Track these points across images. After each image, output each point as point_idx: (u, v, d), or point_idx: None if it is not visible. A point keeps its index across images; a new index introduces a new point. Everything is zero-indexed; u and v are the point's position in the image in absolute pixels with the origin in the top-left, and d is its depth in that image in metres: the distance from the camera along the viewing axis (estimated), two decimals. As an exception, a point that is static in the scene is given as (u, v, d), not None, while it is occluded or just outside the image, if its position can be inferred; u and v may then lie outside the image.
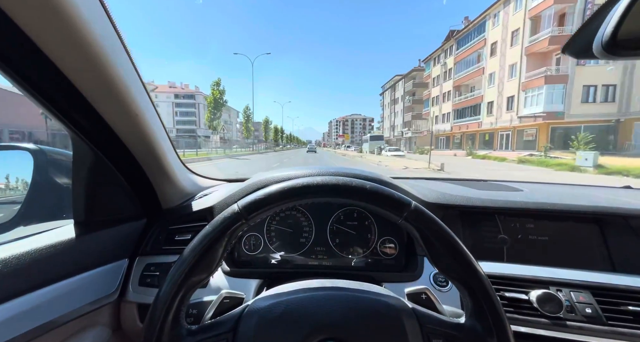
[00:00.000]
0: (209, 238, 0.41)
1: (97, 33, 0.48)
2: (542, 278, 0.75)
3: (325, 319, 0.40)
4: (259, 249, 0.92)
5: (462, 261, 0.41)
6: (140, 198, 0.85)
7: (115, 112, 0.61)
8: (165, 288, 0.40)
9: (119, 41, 0.56)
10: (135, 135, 0.67)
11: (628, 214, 0.86)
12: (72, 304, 0.62)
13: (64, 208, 0.85)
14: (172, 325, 0.40)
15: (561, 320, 0.68)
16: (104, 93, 0.56)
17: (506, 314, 0.69)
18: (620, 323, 0.66)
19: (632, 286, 0.71)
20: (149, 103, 0.68)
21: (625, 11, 0.38)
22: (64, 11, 0.41)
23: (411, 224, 0.42)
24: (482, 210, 0.92)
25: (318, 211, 0.94)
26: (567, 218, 0.90)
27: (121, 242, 0.80)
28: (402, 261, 0.89)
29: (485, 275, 0.41)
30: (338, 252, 0.91)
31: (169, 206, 0.93)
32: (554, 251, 0.88)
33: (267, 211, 0.43)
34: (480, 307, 0.40)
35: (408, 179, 1.25)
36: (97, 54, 0.49)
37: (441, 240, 0.41)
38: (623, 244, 0.84)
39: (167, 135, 0.81)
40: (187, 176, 1.03)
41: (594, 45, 0.43)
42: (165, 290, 0.40)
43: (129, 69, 0.59)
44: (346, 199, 0.42)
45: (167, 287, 0.40)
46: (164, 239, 0.88)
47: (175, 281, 0.40)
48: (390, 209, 0.42)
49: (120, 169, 0.74)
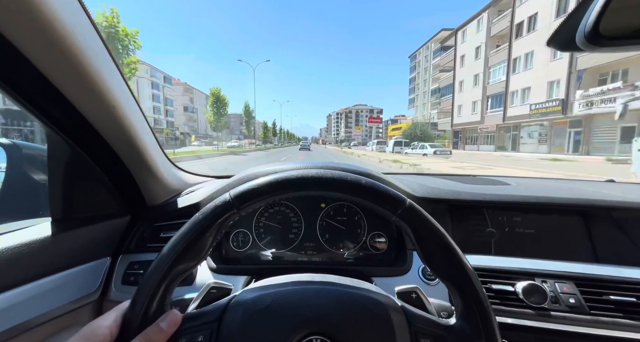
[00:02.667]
0: (198, 226, 0.40)
1: (67, 20, 0.45)
2: (528, 270, 0.76)
3: (312, 314, 0.40)
4: (248, 245, 0.91)
5: (455, 262, 0.40)
6: (124, 195, 0.83)
7: (91, 105, 0.58)
8: (151, 274, 0.39)
9: (92, 29, 0.53)
10: (113, 129, 0.64)
11: (611, 206, 0.87)
12: (49, 303, 0.60)
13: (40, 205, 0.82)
14: (155, 313, 0.39)
15: (546, 310, 0.69)
16: (76, 84, 0.53)
17: (493, 306, 0.70)
18: (602, 312, 0.68)
19: (614, 276, 0.73)
20: (129, 95, 0.65)
21: (606, 1, 0.38)
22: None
23: (405, 222, 0.41)
24: (470, 204, 0.92)
25: (307, 207, 0.93)
26: (552, 211, 0.92)
27: (103, 240, 0.77)
28: (391, 255, 0.89)
29: (478, 278, 0.41)
30: (328, 247, 0.91)
31: (154, 203, 0.91)
32: (540, 243, 0.90)
33: (259, 202, 0.42)
34: (470, 309, 0.40)
35: (399, 175, 1.26)
36: (68, 43, 0.46)
37: (434, 239, 0.41)
38: (606, 236, 0.87)
39: (150, 129, 0.79)
40: (173, 172, 1.00)
41: (576, 37, 0.43)
42: (151, 276, 0.39)
43: (104, 59, 0.56)
44: (341, 193, 0.41)
45: (152, 274, 0.39)
46: (149, 237, 0.86)
47: (162, 268, 0.39)
48: (384, 205, 0.41)
49: (101, 165, 0.72)
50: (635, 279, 0.72)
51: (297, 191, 0.42)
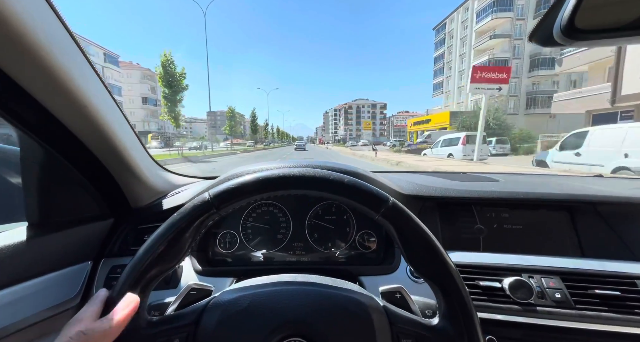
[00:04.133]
0: (176, 227, 0.39)
1: (28, 13, 0.42)
2: (515, 266, 0.76)
3: (291, 315, 0.39)
4: (235, 246, 0.90)
5: (437, 261, 0.40)
6: (106, 197, 0.80)
7: (59, 104, 0.55)
8: (125, 278, 0.38)
9: (57, 22, 0.49)
10: (88, 130, 0.62)
11: (596, 200, 0.88)
12: (26, 310, 0.58)
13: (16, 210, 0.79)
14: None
15: (532, 306, 0.69)
16: (43, 83, 0.50)
17: (480, 302, 0.71)
18: (587, 306, 0.69)
19: (599, 270, 0.74)
20: (104, 93, 0.62)
21: None
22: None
23: (388, 220, 0.41)
24: (458, 200, 0.92)
25: (295, 206, 0.92)
26: (539, 206, 0.93)
27: (84, 244, 0.75)
28: (380, 254, 0.89)
29: (461, 277, 0.40)
30: (316, 247, 0.90)
31: (138, 205, 0.89)
32: (527, 239, 0.91)
33: (240, 202, 0.41)
34: (453, 309, 0.40)
35: (387, 173, 1.25)
36: (29, 39, 0.43)
37: (417, 238, 0.40)
38: (591, 230, 0.87)
39: (131, 129, 0.77)
40: (158, 174, 0.98)
41: (554, 31, 0.43)
42: (125, 280, 0.38)
43: (73, 56, 0.53)
44: (323, 192, 0.41)
45: (126, 277, 0.38)
46: (133, 239, 0.84)
47: (137, 270, 0.38)
48: (367, 204, 0.41)
49: (79, 167, 0.69)
50: (619, 272, 0.73)
51: (278, 190, 0.41)
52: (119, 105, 0.69)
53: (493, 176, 1.21)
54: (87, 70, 0.58)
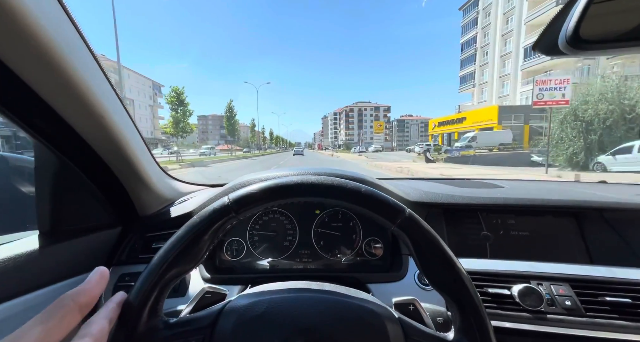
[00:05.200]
0: (196, 229, 0.40)
1: (50, 27, 0.43)
2: (524, 273, 0.76)
3: (307, 322, 0.39)
4: (242, 254, 0.90)
5: (454, 274, 0.39)
6: (115, 205, 0.81)
7: (78, 115, 0.56)
8: (146, 276, 0.39)
9: (77, 35, 0.51)
10: (102, 140, 0.63)
11: (601, 206, 0.88)
12: None
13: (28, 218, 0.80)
14: (149, 315, 0.38)
15: (542, 313, 0.69)
16: (62, 94, 0.51)
17: (489, 310, 0.70)
18: (598, 314, 0.68)
19: (608, 277, 0.73)
20: (118, 103, 0.64)
21: (586, 5, 0.39)
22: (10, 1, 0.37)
23: (404, 232, 0.40)
24: (464, 207, 0.92)
25: (302, 213, 0.93)
26: (545, 213, 0.92)
27: (93, 252, 0.76)
28: (387, 261, 0.89)
29: (477, 292, 0.40)
30: (323, 254, 0.90)
31: (146, 213, 0.89)
32: (534, 245, 0.90)
33: (257, 207, 0.41)
34: (469, 324, 0.39)
35: (392, 179, 1.26)
36: (52, 52, 0.45)
37: (433, 251, 0.40)
38: (598, 236, 0.87)
39: (141, 138, 0.78)
40: (166, 181, 0.99)
41: (559, 41, 0.44)
42: (146, 278, 0.38)
43: (91, 68, 0.55)
44: (340, 201, 0.41)
45: (147, 276, 0.39)
46: (141, 247, 0.84)
47: (157, 270, 0.38)
48: (383, 214, 0.40)
49: (90, 175, 0.70)
50: (629, 279, 0.72)
51: (295, 197, 0.41)
52: (130, 116, 0.70)
53: (498, 182, 1.22)
54: (104, 82, 0.59)
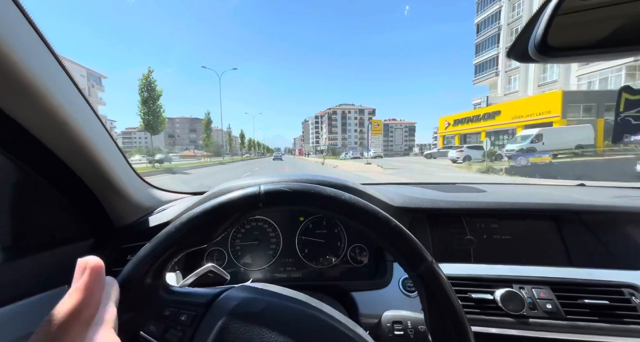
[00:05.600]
0: (220, 208, 0.39)
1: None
2: (506, 277, 0.76)
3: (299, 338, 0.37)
4: (223, 263, 0.87)
5: (461, 332, 0.38)
6: (86, 216, 0.77)
7: (36, 121, 0.52)
8: (161, 238, 0.39)
9: (32, 31, 0.47)
10: (68, 147, 0.60)
11: (579, 209, 0.90)
12: None
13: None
14: (154, 274, 0.39)
15: (524, 318, 0.69)
16: (16, 98, 0.47)
17: (473, 315, 0.70)
18: (578, 317, 0.69)
19: (587, 279, 0.75)
20: (85, 108, 0.61)
21: (552, 13, 0.40)
22: None
23: (422, 282, 0.39)
24: (448, 212, 0.93)
25: (285, 220, 0.91)
26: (526, 216, 0.94)
27: (61, 267, 0.71)
28: (372, 268, 0.88)
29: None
30: (307, 262, 0.88)
31: (122, 223, 0.85)
32: (517, 249, 0.91)
33: (283, 207, 0.41)
34: None
35: (376, 185, 1.26)
36: (3, 50, 0.41)
37: (447, 307, 0.39)
38: (577, 239, 0.89)
39: (114, 144, 0.75)
40: (144, 190, 0.95)
41: (529, 48, 0.45)
42: (160, 240, 0.39)
43: (50, 68, 0.51)
44: (368, 228, 0.40)
45: (162, 238, 0.39)
46: (115, 260, 0.80)
47: (172, 235, 0.39)
48: (407, 257, 0.39)
49: (57, 185, 0.66)
50: (606, 281, 0.74)
51: (324, 209, 0.40)
52: (100, 119, 0.66)
53: (481, 187, 1.23)
54: (66, 85, 0.56)
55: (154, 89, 23.15)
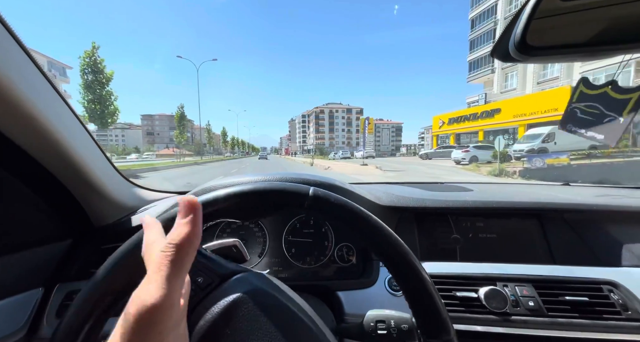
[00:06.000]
0: (271, 192, 0.39)
1: None
2: (490, 275, 0.77)
3: None
4: None
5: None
6: (64, 216, 0.74)
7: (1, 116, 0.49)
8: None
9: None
10: (39, 144, 0.57)
11: (562, 208, 0.92)
12: None
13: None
14: None
15: (507, 315, 0.70)
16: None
17: (458, 313, 0.70)
18: (559, 314, 0.70)
19: (568, 276, 0.76)
20: (57, 101, 0.57)
21: (530, 13, 0.41)
22: None
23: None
24: (435, 211, 0.93)
25: (272, 220, 0.90)
26: (511, 215, 0.95)
27: (34, 268, 0.68)
28: (359, 267, 0.87)
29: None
30: (294, 262, 0.87)
31: (102, 223, 0.82)
32: (502, 247, 0.92)
33: (322, 215, 0.40)
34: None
35: (364, 184, 1.26)
36: None
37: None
38: (560, 237, 0.91)
39: (92, 141, 0.72)
40: (127, 189, 0.92)
41: (510, 48, 0.46)
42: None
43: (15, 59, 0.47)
44: (396, 276, 0.39)
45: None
46: (94, 261, 0.77)
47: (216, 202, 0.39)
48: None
49: (30, 184, 0.63)
50: (586, 278, 0.75)
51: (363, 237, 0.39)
52: (75, 113, 0.63)
53: (467, 186, 1.25)
54: (35, 76, 0.52)
55: (102, 71, 17.87)
